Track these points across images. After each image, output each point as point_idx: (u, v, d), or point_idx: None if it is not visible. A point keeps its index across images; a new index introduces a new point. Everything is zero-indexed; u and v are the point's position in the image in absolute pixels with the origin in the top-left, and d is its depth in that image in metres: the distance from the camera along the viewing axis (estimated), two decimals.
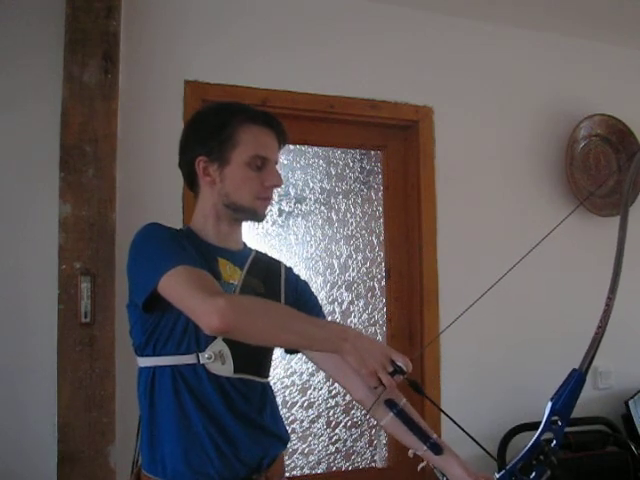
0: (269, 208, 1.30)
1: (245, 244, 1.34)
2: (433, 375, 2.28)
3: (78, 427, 1.70)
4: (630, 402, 2.41)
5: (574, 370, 1.09)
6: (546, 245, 1.20)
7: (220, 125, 1.22)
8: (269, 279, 1.30)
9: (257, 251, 1.36)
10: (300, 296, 1.36)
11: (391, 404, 1.21)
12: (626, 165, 2.58)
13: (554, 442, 1.08)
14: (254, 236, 2.17)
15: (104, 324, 1.75)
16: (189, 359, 1.15)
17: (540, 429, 1.08)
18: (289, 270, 1.38)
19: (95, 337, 1.74)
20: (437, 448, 1.19)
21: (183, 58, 2.00)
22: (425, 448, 1.19)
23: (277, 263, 1.38)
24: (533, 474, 1.06)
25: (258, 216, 1.27)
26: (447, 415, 1.12)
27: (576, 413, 2.53)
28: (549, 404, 1.08)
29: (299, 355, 1.39)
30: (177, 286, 1.07)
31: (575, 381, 1.09)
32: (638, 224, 2.55)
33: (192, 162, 1.23)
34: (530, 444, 1.07)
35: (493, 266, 1.54)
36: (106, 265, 1.75)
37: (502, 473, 1.08)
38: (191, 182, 1.28)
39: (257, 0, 2.14)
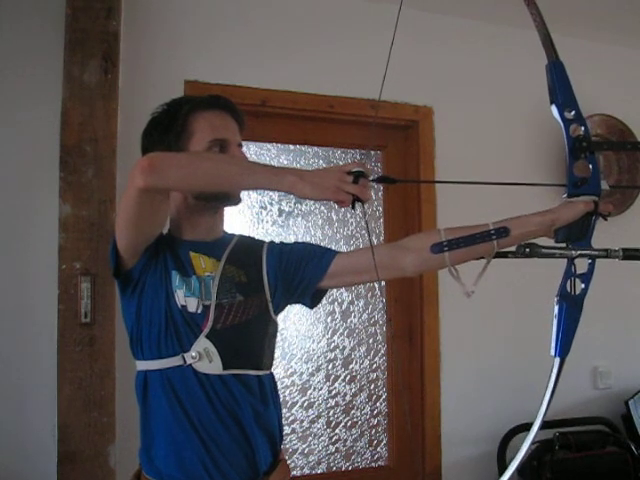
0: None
1: (225, 232, 1.30)
2: (433, 375, 2.28)
3: (78, 427, 1.70)
4: (630, 402, 2.41)
5: None
6: (545, 245, 1.20)
7: (171, 120, 1.20)
8: (251, 265, 1.25)
9: (241, 236, 1.31)
10: (290, 262, 1.26)
11: (437, 247, 1.13)
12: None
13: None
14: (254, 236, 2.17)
15: (104, 324, 1.75)
16: (175, 361, 1.13)
17: None
18: (270, 247, 1.30)
19: (95, 337, 1.74)
20: (503, 231, 1.11)
21: (183, 58, 2.00)
22: (495, 243, 1.11)
23: (260, 245, 1.31)
24: None
25: (232, 199, 1.24)
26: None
27: (576, 413, 2.55)
28: None
29: (299, 355, 1.37)
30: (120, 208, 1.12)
31: None
32: (638, 224, 2.57)
33: None
34: None
35: (493, 266, 1.54)
36: (106, 265, 1.74)
37: None
38: None
39: (257, 0, 2.14)
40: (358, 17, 2.27)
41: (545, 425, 1.13)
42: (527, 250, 1.08)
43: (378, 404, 2.35)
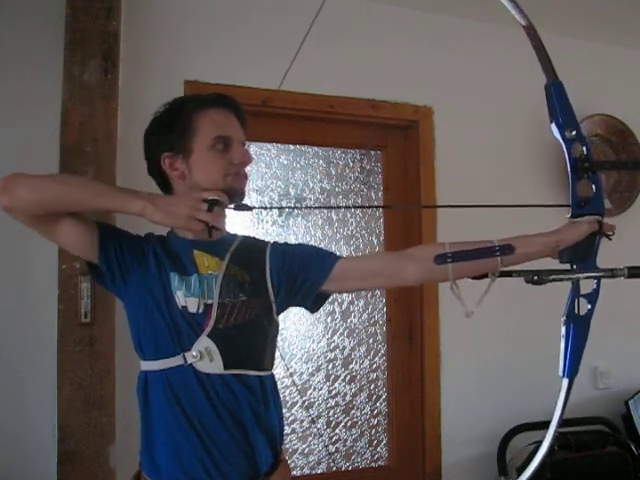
0: (246, 185, 1.25)
1: (228, 232, 1.30)
2: (433, 375, 2.28)
3: (78, 427, 1.70)
4: (630, 402, 2.41)
5: None
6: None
7: (174, 118, 1.20)
8: (254, 265, 1.24)
9: (244, 237, 1.31)
10: (293, 263, 1.24)
11: (441, 258, 1.13)
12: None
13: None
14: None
15: (104, 324, 1.75)
16: (176, 361, 1.13)
17: None
18: (274, 247, 1.29)
19: (95, 337, 1.74)
20: (507, 248, 1.11)
21: (183, 58, 2.00)
22: (499, 260, 1.12)
23: (263, 245, 1.29)
24: None
25: (236, 193, 1.21)
26: None
27: (576, 413, 2.55)
28: None
29: (299, 355, 1.36)
30: None
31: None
32: (638, 224, 2.57)
33: (158, 163, 1.21)
34: None
35: None
36: None
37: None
38: (165, 185, 1.25)
39: (257, 0, 2.14)
40: (358, 17, 2.27)
41: (545, 425, 1.13)
42: (535, 278, 1.09)
43: (378, 404, 2.35)
